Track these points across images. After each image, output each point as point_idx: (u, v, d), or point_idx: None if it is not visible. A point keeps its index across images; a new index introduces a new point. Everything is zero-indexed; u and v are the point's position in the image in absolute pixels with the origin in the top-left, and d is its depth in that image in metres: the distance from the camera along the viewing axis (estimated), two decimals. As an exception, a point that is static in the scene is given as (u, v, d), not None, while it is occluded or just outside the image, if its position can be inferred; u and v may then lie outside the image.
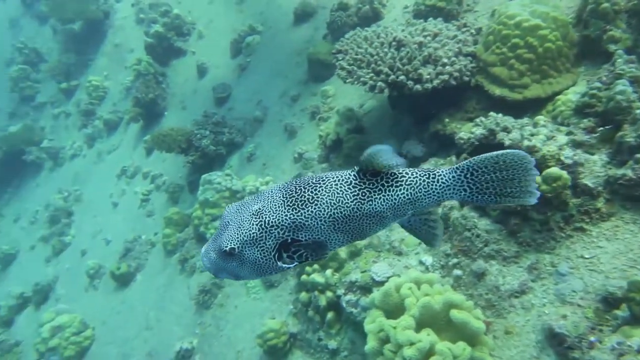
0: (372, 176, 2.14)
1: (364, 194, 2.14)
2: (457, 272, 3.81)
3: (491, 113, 3.72)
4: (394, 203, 2.17)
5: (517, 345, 3.25)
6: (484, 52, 3.93)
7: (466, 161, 2.13)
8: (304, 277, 4.79)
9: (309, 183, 2.17)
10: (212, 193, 6.83)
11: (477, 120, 3.76)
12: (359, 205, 2.14)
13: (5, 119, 16.35)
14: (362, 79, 4.21)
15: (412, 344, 3.12)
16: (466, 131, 3.78)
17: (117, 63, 12.62)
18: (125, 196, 10.19)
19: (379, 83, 4.07)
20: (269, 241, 2.16)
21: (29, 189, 14.49)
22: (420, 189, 2.17)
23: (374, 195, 2.14)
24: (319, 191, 2.15)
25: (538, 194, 2.08)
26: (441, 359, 3.03)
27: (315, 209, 2.14)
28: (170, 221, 7.77)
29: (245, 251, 2.17)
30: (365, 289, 4.16)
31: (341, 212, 2.14)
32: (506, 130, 3.43)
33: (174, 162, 9.22)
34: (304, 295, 4.82)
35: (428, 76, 3.91)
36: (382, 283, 3.95)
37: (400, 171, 2.15)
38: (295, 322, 5.11)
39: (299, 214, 2.14)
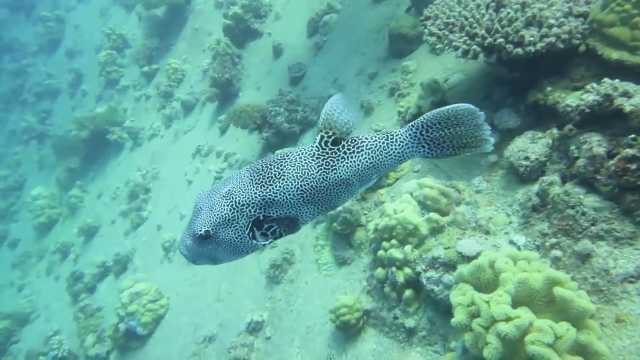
0: (334, 145, 2.20)
1: (327, 164, 2.19)
2: (557, 252, 3.48)
3: (605, 79, 3.34)
4: (358, 169, 2.22)
5: (632, 335, 2.90)
6: (599, 11, 3.54)
7: (420, 118, 2.20)
8: (380, 252, 4.62)
9: (274, 160, 2.22)
10: (285, 169, 6.81)
11: (588, 87, 3.40)
12: (324, 175, 2.19)
13: (93, 102, 17.47)
14: (454, 43, 3.95)
15: (508, 319, 2.87)
16: (574, 98, 3.42)
17: (196, 47, 13.03)
18: (199, 174, 10.50)
19: (474, 47, 3.79)
20: (241, 220, 2.21)
21: (111, 167, 15.39)
22: (381, 151, 2.23)
23: (338, 163, 2.19)
24: (284, 166, 2.20)
25: (493, 139, 2.16)
26: (541, 336, 2.75)
27: (282, 183, 2.18)
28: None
29: (220, 233, 2.21)
30: (449, 266, 3.93)
31: (308, 184, 2.19)
32: (627, 94, 3.05)
33: (247, 141, 9.36)
34: (379, 272, 4.65)
35: (531, 38, 3.58)
36: (470, 259, 3.70)
37: (360, 137, 2.24)
38: (369, 300, 4.96)
39: (268, 190, 2.18)
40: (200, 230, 2.20)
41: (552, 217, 3.59)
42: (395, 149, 2.26)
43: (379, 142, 2.25)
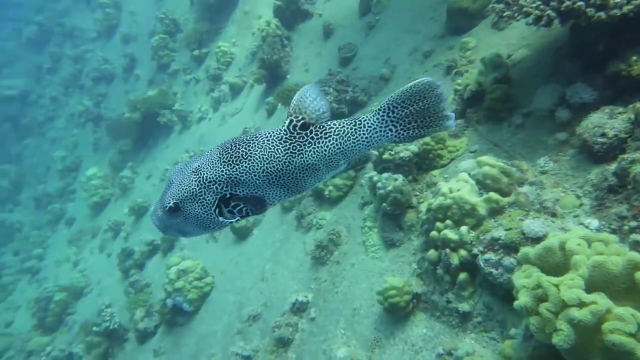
0: (302, 129, 2.21)
1: (294, 148, 2.21)
2: (637, 237, 3.16)
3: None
4: (325, 154, 2.24)
5: None
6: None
7: (383, 101, 2.22)
8: (433, 233, 4.40)
9: (243, 140, 2.26)
10: (334, 149, 6.67)
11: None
12: (290, 158, 2.21)
13: (145, 86, 17.95)
14: (525, 9, 3.65)
15: (582, 304, 2.61)
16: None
17: (245, 30, 13.05)
18: (246, 156, 10.53)
19: (548, 12, 3.48)
20: (208, 196, 2.25)
21: (160, 149, 15.77)
22: (349, 137, 2.24)
23: (304, 148, 2.21)
24: (252, 147, 2.22)
25: (453, 115, 2.20)
26: (622, 325, 2.48)
27: (248, 164, 2.21)
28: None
29: (187, 207, 2.27)
30: (510, 248, 3.67)
31: (274, 167, 2.22)
32: None
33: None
34: (432, 254, 4.44)
35: (617, 0, 3.24)
36: (535, 240, 3.43)
37: (328, 123, 2.25)
38: (419, 283, 4.76)
39: (234, 169, 2.22)
40: (169, 203, 2.26)
41: (632, 198, 3.26)
42: (363, 134, 2.27)
43: (347, 128, 2.27)
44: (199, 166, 2.27)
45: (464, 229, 4.10)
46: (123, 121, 16.59)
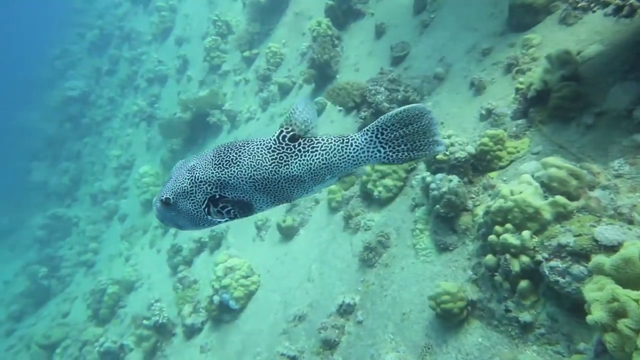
0: (291, 141, 2.26)
1: (281, 158, 2.26)
2: None
3: None
4: (310, 167, 2.28)
5: None
6: None
7: (373, 122, 2.22)
8: (491, 237, 4.18)
9: (236, 145, 2.33)
10: (385, 149, 6.53)
11: None
12: (276, 168, 2.27)
13: (196, 87, 18.41)
14: (601, -2, 3.39)
15: (671, 321, 2.36)
16: None
17: (295, 31, 13.10)
18: (294, 156, 10.53)
19: (631, 1, 3.21)
20: (198, 195, 2.34)
21: (209, 148, 16.09)
22: (335, 153, 2.27)
23: (291, 159, 2.26)
24: (242, 153, 2.30)
25: (443, 141, 2.26)
26: None
27: (237, 169, 2.29)
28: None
29: (179, 203, 2.37)
30: (580, 256, 3.41)
31: (260, 174, 2.28)
32: None
33: (342, 123, 9.18)
34: (490, 259, 4.21)
35: None
36: (610, 248, 3.17)
37: (317, 137, 2.29)
38: (474, 289, 4.54)
39: (224, 172, 2.29)
40: (163, 197, 2.37)
41: None
42: (350, 152, 2.29)
43: (334, 144, 2.30)
44: (193, 165, 2.37)
45: (526, 233, 3.86)
46: (174, 121, 17.05)
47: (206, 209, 2.39)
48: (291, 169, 2.30)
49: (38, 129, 31.74)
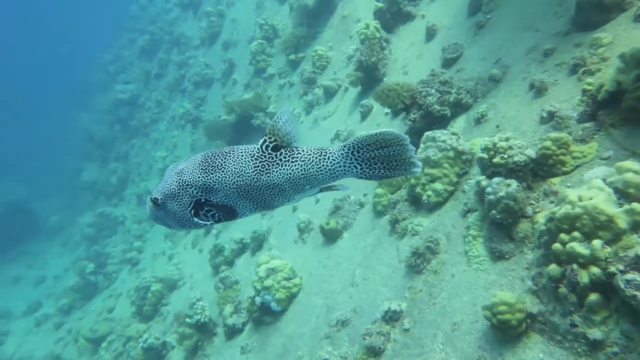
0: (273, 151, 2.34)
1: (263, 166, 2.34)
2: None
3: None
4: (290, 177, 2.35)
5: None
6: None
7: (350, 140, 2.30)
8: (556, 246, 3.90)
9: (222, 152, 2.41)
10: (434, 151, 6.31)
11: None
12: (258, 176, 2.34)
13: (241, 90, 18.68)
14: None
15: None
16: None
17: (342, 34, 13.05)
18: (338, 159, 10.41)
19: None
20: (185, 197, 2.43)
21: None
22: (313, 165, 2.34)
23: (272, 168, 2.34)
24: (227, 160, 2.37)
25: (420, 164, 2.27)
26: None
27: (221, 175, 2.36)
28: (383, 180, 7.55)
29: (167, 204, 2.47)
30: (662, 269, 3.11)
31: (243, 181, 2.36)
32: None
33: (389, 126, 8.97)
34: (553, 269, 3.93)
35: None
36: (700, 260, 2.87)
37: (298, 148, 2.36)
38: (534, 301, 4.25)
39: (209, 177, 2.38)
40: (152, 196, 2.48)
41: None
42: (327, 165, 2.36)
43: (313, 156, 2.36)
44: (182, 169, 2.46)
45: (597, 242, 3.57)
46: (219, 123, 17.34)
47: (192, 212, 2.47)
48: (272, 177, 2.37)
49: (90, 130, 33.13)
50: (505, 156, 5.03)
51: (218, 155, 2.41)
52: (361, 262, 7.42)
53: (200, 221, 2.48)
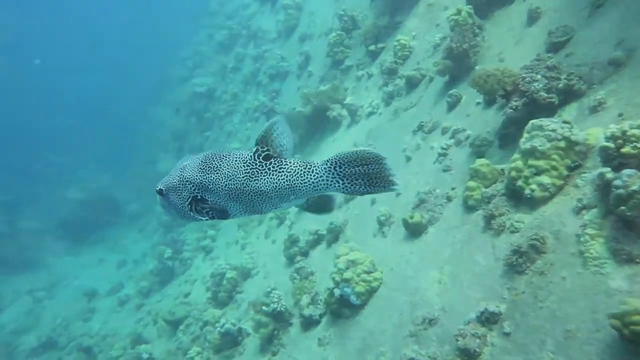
0: (264, 159, 2.56)
1: (252, 173, 2.55)
2: None
3: None
4: (276, 186, 2.54)
5: None
6: None
7: (333, 155, 2.49)
8: None
9: (221, 154, 2.61)
10: (542, 141, 5.73)
11: None
12: (247, 181, 2.54)
13: (316, 82, 18.57)
14: None
15: None
16: None
17: (428, 22, 12.50)
18: (420, 151, 9.97)
19: None
20: (184, 192, 2.63)
21: (326, 143, 16.06)
22: (298, 177, 2.53)
23: (260, 176, 2.54)
24: (222, 163, 2.57)
25: (398, 182, 2.51)
26: None
27: (215, 176, 2.56)
28: (476, 173, 7.03)
29: (170, 195, 2.68)
30: None
31: (233, 184, 2.55)
32: None
33: (480, 116, 8.42)
34: None
35: None
36: None
37: (286, 160, 2.58)
38: (678, 312, 3.66)
39: (205, 177, 2.58)
40: (157, 187, 2.71)
41: None
42: (310, 178, 2.50)
43: (298, 169, 2.52)
44: (185, 165, 2.67)
45: None
46: (293, 115, 17.31)
47: (189, 206, 2.66)
48: (260, 184, 2.52)
49: (167, 123, 34.66)
50: (638, 145, 4.42)
51: (216, 157, 2.60)
52: (449, 259, 6.98)
53: (197, 215, 2.65)
